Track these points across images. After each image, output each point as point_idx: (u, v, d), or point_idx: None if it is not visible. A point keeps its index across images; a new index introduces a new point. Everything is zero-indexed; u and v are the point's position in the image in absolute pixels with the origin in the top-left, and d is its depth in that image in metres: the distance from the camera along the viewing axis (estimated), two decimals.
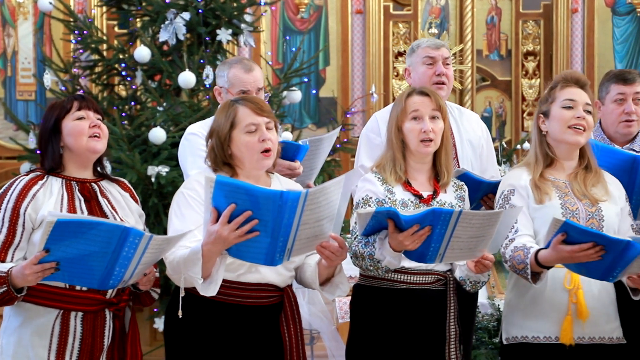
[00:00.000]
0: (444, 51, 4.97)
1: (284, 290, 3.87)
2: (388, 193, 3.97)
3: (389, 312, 3.96)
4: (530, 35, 10.48)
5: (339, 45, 10.18)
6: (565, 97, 3.95)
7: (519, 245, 3.80)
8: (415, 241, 3.63)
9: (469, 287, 4.01)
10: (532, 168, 3.97)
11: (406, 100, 4.03)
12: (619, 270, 3.60)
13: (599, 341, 3.92)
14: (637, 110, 4.73)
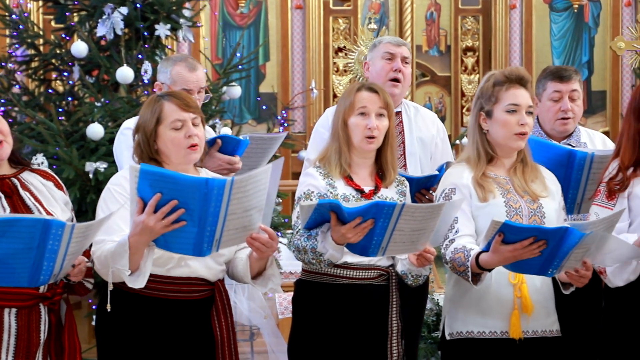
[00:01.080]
0: (404, 50, 5.03)
1: (214, 285, 3.85)
2: (330, 187, 3.97)
3: (332, 307, 3.96)
4: (469, 31, 10.56)
5: (279, 41, 10.17)
6: (510, 102, 3.93)
7: (459, 246, 3.80)
8: (357, 234, 3.63)
9: (411, 281, 4.03)
10: (474, 166, 3.96)
11: (355, 95, 4.03)
12: (557, 262, 3.62)
13: (541, 334, 3.95)
14: (573, 107, 4.77)
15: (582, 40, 10.69)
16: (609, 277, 3.93)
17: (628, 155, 4.01)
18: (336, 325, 3.96)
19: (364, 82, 4.16)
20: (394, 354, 4.04)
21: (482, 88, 4.02)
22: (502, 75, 3.97)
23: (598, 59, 10.68)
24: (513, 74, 3.97)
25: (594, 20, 10.65)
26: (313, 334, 3.99)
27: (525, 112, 3.93)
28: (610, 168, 4.05)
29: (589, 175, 4.32)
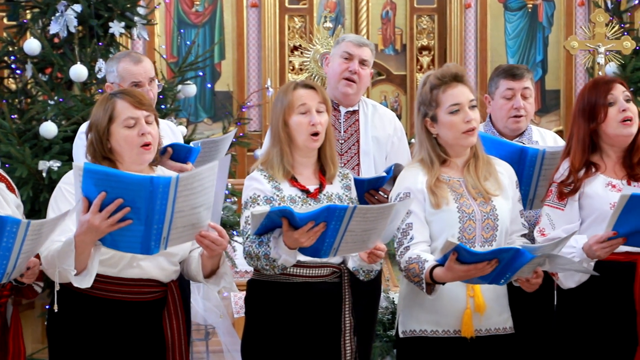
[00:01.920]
0: (364, 52, 4.98)
1: (167, 286, 3.84)
2: (275, 190, 3.96)
3: (285, 306, 3.96)
4: (424, 30, 10.59)
5: (235, 39, 10.14)
6: (450, 103, 3.93)
7: (414, 256, 3.81)
8: (310, 238, 3.64)
9: (363, 277, 4.04)
10: (428, 170, 3.96)
11: (292, 94, 4.01)
12: (509, 275, 3.68)
13: (494, 332, 3.97)
14: (525, 105, 4.80)
15: (536, 40, 10.76)
16: (561, 279, 3.97)
17: (578, 157, 4.04)
18: (290, 323, 3.95)
19: (298, 81, 4.12)
20: (347, 350, 4.04)
21: (420, 94, 4.01)
22: (435, 78, 3.96)
23: (552, 58, 10.75)
24: (446, 74, 3.96)
25: (548, 19, 10.73)
26: (266, 333, 3.98)
27: (468, 107, 3.94)
28: (561, 169, 4.08)
29: (540, 171, 4.35)
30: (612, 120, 3.99)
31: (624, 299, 3.92)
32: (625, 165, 4.04)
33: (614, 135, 4.01)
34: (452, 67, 4.00)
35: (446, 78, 3.95)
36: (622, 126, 3.99)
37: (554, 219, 4.01)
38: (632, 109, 4.00)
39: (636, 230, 3.73)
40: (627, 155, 4.04)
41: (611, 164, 4.05)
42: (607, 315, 3.95)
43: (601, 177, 4.01)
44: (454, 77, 3.96)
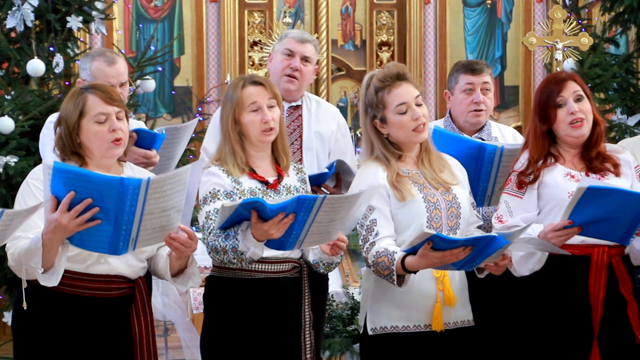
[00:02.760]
0: (307, 48, 4.96)
1: (135, 282, 3.82)
2: (235, 184, 3.95)
3: (246, 302, 3.95)
4: (384, 26, 10.60)
5: (194, 34, 10.10)
6: (397, 103, 3.94)
7: (381, 250, 3.81)
8: (280, 229, 3.63)
9: (323, 269, 4.05)
10: (386, 167, 3.97)
11: (242, 92, 3.99)
12: (480, 260, 3.70)
13: (460, 325, 4.00)
14: (485, 100, 4.82)
15: (495, 36, 10.80)
16: (515, 267, 4.01)
17: (537, 150, 4.09)
18: (250, 319, 3.95)
19: (245, 78, 4.09)
20: (307, 344, 4.05)
21: (366, 96, 4.02)
22: (378, 80, 3.97)
23: (511, 54, 10.80)
24: (388, 75, 3.97)
25: (507, 16, 10.78)
26: (226, 329, 3.97)
27: (415, 104, 3.95)
28: (522, 159, 4.12)
29: (498, 168, 4.38)
30: (562, 122, 4.03)
31: (579, 293, 3.96)
32: (583, 159, 4.07)
33: (564, 136, 4.05)
34: (393, 67, 4.01)
35: (389, 79, 3.96)
36: (571, 128, 4.03)
37: (512, 206, 4.04)
38: (583, 109, 4.03)
39: (591, 221, 3.76)
40: (585, 150, 4.08)
41: (570, 157, 4.10)
42: (563, 309, 3.99)
43: (560, 167, 4.06)
44: (397, 77, 3.97)
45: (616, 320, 3.99)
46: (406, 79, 3.99)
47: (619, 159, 4.09)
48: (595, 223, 3.76)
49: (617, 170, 4.05)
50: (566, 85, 4.05)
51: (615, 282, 3.97)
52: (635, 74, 8.44)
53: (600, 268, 3.94)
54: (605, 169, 4.04)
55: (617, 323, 3.99)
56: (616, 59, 8.28)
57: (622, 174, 4.05)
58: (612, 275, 3.97)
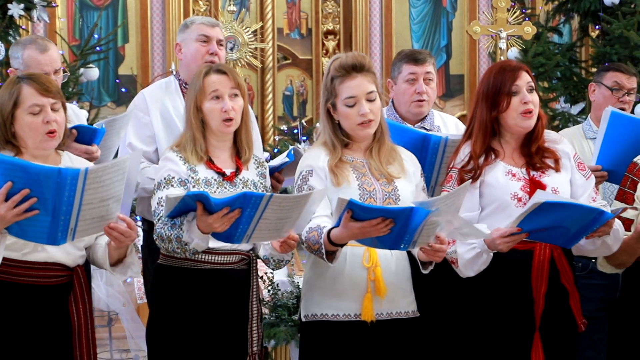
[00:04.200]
0: (218, 31, 4.93)
1: (73, 270, 3.80)
2: (191, 172, 3.94)
3: (193, 292, 3.94)
4: (330, 15, 10.59)
5: (138, 22, 10.03)
6: (346, 95, 3.93)
7: (314, 225, 3.81)
8: (224, 224, 3.62)
9: (273, 266, 4.05)
10: (330, 152, 3.98)
11: (204, 80, 4.00)
12: (408, 237, 3.65)
13: (396, 316, 3.99)
14: (427, 90, 4.83)
15: (441, 25, 10.85)
16: (460, 269, 3.99)
17: (480, 143, 4.06)
18: (197, 310, 3.94)
19: (211, 65, 4.10)
20: (254, 337, 4.05)
21: (325, 81, 4.02)
22: (334, 69, 3.96)
23: (456, 43, 10.85)
24: (345, 65, 3.96)
25: (452, 5, 10.83)
26: (173, 319, 3.96)
27: (366, 99, 3.94)
28: (461, 154, 4.10)
29: (442, 159, 4.37)
30: (513, 111, 4.01)
31: (521, 287, 3.98)
32: (523, 154, 4.08)
33: (513, 125, 4.04)
34: (351, 58, 3.98)
35: (345, 69, 3.95)
36: (522, 118, 4.02)
37: None
38: (533, 100, 4.03)
39: (539, 229, 3.78)
40: (526, 144, 4.09)
41: (510, 151, 4.09)
42: (506, 303, 4.00)
43: (501, 165, 4.04)
44: (352, 68, 3.95)
45: (558, 312, 4.01)
46: (363, 72, 3.96)
47: (557, 151, 4.10)
48: (544, 230, 3.79)
49: (557, 165, 4.06)
50: (521, 75, 4.03)
51: (557, 274, 4.00)
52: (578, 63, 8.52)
53: (543, 262, 3.96)
54: (546, 166, 4.04)
55: (559, 314, 4.01)
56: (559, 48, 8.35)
57: (562, 168, 4.06)
58: (554, 267, 3.99)
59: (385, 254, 3.93)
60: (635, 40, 7.63)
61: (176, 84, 4.91)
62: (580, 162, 4.11)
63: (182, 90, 4.86)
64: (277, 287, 5.74)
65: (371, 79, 3.97)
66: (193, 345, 3.94)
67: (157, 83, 5.03)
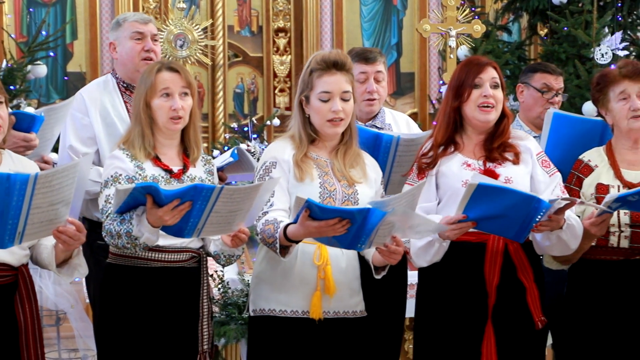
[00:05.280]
0: (152, 27, 4.92)
1: (18, 270, 3.77)
2: (138, 169, 3.93)
3: (143, 291, 3.93)
4: (281, 12, 10.57)
5: (87, 19, 9.94)
6: (321, 90, 3.97)
7: (271, 219, 3.83)
8: (175, 216, 3.62)
9: (224, 262, 4.05)
10: (297, 145, 3.99)
11: (156, 76, 3.99)
12: (365, 238, 3.68)
13: (343, 315, 4.01)
14: (378, 89, 4.84)
15: (391, 23, 10.87)
16: (413, 258, 4.02)
17: (442, 132, 4.11)
18: (147, 309, 3.93)
19: (163, 62, 4.10)
20: (205, 335, 4.05)
21: (303, 72, 4.05)
22: (316, 62, 3.99)
23: (406, 41, 10.88)
24: (325, 60, 3.99)
25: (402, 3, 10.85)
26: (122, 318, 3.94)
27: (340, 98, 3.97)
28: (427, 144, 4.15)
29: (394, 158, 4.40)
30: (472, 102, 4.05)
31: (475, 279, 4.01)
32: (485, 148, 4.10)
33: (471, 117, 4.07)
34: (334, 54, 4.02)
35: (325, 64, 3.97)
36: (479, 111, 4.05)
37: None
38: (496, 96, 4.06)
39: (485, 217, 3.80)
40: (489, 139, 4.11)
41: (471, 145, 4.12)
42: (459, 295, 4.03)
43: (459, 156, 4.08)
44: (334, 64, 3.98)
45: (513, 306, 4.03)
46: (343, 70, 4.00)
47: (519, 146, 4.13)
48: (490, 219, 3.80)
49: (517, 159, 4.08)
50: (486, 69, 4.07)
51: (514, 268, 4.03)
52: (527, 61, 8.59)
53: (496, 255, 3.99)
54: (504, 159, 4.07)
55: (514, 309, 4.04)
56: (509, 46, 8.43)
57: (522, 162, 4.08)
58: (510, 261, 4.02)
59: (335, 252, 3.95)
60: (582, 39, 7.71)
61: (114, 82, 4.89)
62: (544, 160, 4.15)
63: (119, 88, 4.84)
64: (228, 285, 5.73)
65: (349, 80, 4.02)
66: (143, 344, 3.93)
67: (95, 82, 5.00)
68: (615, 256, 4.13)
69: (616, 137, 4.26)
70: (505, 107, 4.13)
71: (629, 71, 4.18)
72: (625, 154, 4.22)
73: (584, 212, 4.12)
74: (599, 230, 3.97)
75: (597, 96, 4.27)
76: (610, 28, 7.90)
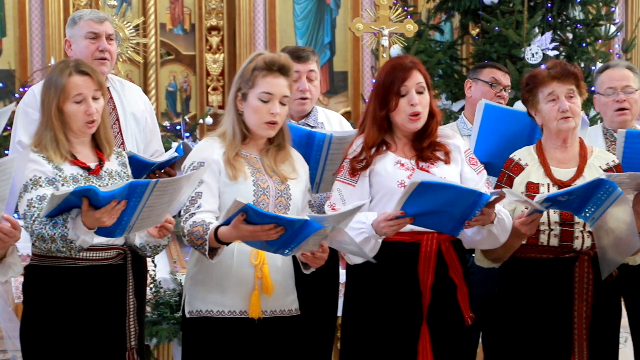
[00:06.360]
0: (107, 26, 4.88)
1: None
2: (57, 170, 3.88)
3: (70, 290, 3.88)
4: (213, 10, 10.54)
5: (16, 15, 9.82)
6: (264, 90, 3.95)
7: (199, 220, 3.81)
8: (112, 217, 3.60)
9: (150, 253, 4.04)
10: (229, 144, 3.97)
11: (67, 81, 3.91)
12: (294, 245, 3.71)
13: (280, 314, 4.01)
14: (310, 87, 4.83)
15: (324, 22, 10.88)
16: (348, 256, 4.02)
17: (372, 136, 4.10)
18: (74, 308, 3.89)
19: (71, 65, 3.99)
20: (132, 331, 4.03)
21: (244, 68, 4.02)
22: (263, 61, 3.97)
23: (340, 40, 10.90)
24: (275, 62, 3.98)
25: (335, 2, 10.87)
26: (48, 319, 3.90)
27: (280, 102, 3.96)
28: (354, 145, 4.14)
29: (327, 155, 4.40)
30: (402, 112, 4.05)
31: (409, 279, 4.02)
32: (415, 148, 4.12)
33: (401, 125, 4.08)
34: (283, 59, 4.02)
35: (273, 66, 3.96)
36: (409, 121, 4.06)
37: (345, 194, 4.06)
38: (422, 101, 4.06)
39: (423, 213, 3.82)
40: (417, 139, 4.13)
41: (401, 145, 4.12)
42: (394, 295, 4.04)
43: (391, 155, 4.09)
44: (280, 69, 3.97)
45: (446, 305, 4.06)
46: (287, 76, 4.00)
47: (449, 145, 4.15)
48: (427, 214, 3.82)
49: (448, 158, 4.10)
50: (411, 75, 4.05)
51: (446, 268, 4.05)
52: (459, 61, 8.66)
53: (430, 255, 4.01)
54: (436, 158, 4.08)
55: (446, 307, 4.06)
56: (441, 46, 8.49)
57: (452, 160, 4.11)
58: (442, 260, 4.04)
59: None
60: (513, 39, 7.80)
61: None
62: (472, 157, 4.18)
63: None
64: (160, 284, 5.70)
65: (289, 86, 4.01)
66: (69, 344, 3.89)
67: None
68: (545, 254, 4.17)
69: (546, 137, 4.30)
70: (433, 106, 4.14)
71: (558, 72, 4.22)
72: (554, 152, 4.27)
73: (514, 210, 4.16)
74: (529, 230, 4.01)
75: (527, 97, 4.31)
76: (540, 28, 8.00)
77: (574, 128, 4.24)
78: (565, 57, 8.04)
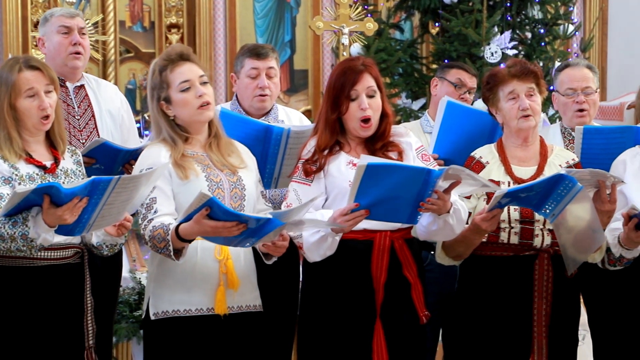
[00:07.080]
0: (79, 20, 4.92)
1: None
2: (13, 169, 3.86)
3: (27, 290, 3.86)
4: (173, 8, 10.49)
5: None
6: (180, 80, 3.95)
7: (158, 224, 3.80)
8: (74, 214, 3.58)
9: (107, 251, 4.03)
10: (171, 148, 3.95)
11: (18, 77, 3.88)
12: (255, 239, 3.72)
13: (245, 309, 4.02)
14: (270, 85, 4.84)
15: (285, 20, 10.87)
16: (307, 253, 4.02)
17: (325, 139, 4.10)
18: (33, 307, 3.87)
19: (20, 60, 3.96)
20: (90, 330, 4.00)
21: (152, 80, 4.02)
22: (162, 60, 3.98)
23: (300, 38, 10.89)
24: (172, 54, 3.99)
25: (296, 0, 10.87)
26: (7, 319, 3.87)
27: (200, 83, 3.96)
28: (308, 146, 4.14)
29: (285, 150, 4.41)
30: (352, 116, 4.07)
31: (363, 277, 4.04)
32: (368, 149, 4.12)
33: (352, 129, 4.09)
34: (177, 47, 4.04)
35: (172, 57, 3.97)
36: (360, 127, 4.07)
37: (301, 194, 4.06)
38: (373, 105, 4.07)
39: (377, 202, 3.81)
40: (371, 140, 4.13)
41: (354, 145, 4.14)
42: (348, 293, 4.05)
43: (344, 156, 4.10)
44: (180, 56, 3.98)
45: (400, 302, 4.08)
46: (190, 60, 4.00)
47: (402, 143, 4.16)
48: (382, 204, 3.82)
49: (400, 157, 4.11)
50: (361, 79, 4.05)
51: (400, 265, 4.06)
52: (419, 60, 8.69)
53: (383, 252, 4.02)
54: (389, 158, 4.09)
55: (400, 305, 4.08)
56: (401, 45, 8.50)
57: (405, 159, 4.12)
58: (396, 258, 4.05)
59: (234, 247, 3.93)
60: (473, 38, 7.82)
61: None
62: (424, 154, 4.19)
63: None
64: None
65: (199, 66, 4.01)
66: (28, 343, 3.86)
67: None
68: (506, 252, 4.19)
69: (506, 135, 4.32)
70: (386, 107, 4.14)
71: (518, 71, 4.25)
72: (515, 151, 4.29)
73: (475, 208, 4.18)
74: (489, 226, 4.02)
75: (487, 95, 4.33)
76: (499, 27, 8.03)
77: (535, 126, 4.26)
78: (524, 56, 8.08)
